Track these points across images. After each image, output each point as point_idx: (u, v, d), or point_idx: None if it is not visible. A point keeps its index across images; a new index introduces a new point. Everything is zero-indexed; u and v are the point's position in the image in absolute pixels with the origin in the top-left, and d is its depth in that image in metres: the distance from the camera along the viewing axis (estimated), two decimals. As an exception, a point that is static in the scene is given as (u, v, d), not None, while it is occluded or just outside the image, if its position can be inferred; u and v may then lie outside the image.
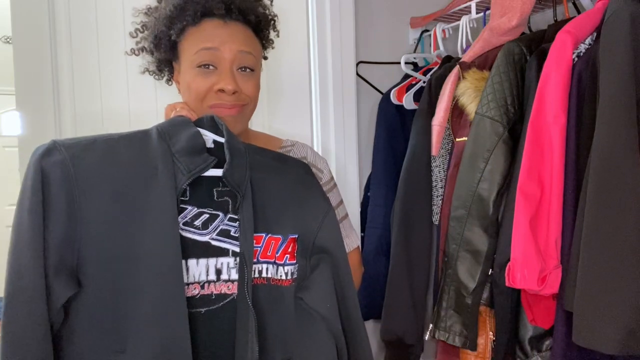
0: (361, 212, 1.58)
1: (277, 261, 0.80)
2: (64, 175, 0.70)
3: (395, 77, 1.66)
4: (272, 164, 0.84)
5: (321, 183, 1.01)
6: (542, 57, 1.06)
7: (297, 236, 0.82)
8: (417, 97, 1.51)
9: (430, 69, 1.58)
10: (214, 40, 0.85)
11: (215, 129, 0.82)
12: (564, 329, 0.98)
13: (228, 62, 0.85)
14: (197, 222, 0.77)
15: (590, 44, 1.04)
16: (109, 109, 1.38)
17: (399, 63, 1.59)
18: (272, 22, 0.97)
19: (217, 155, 0.79)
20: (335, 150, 1.51)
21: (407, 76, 1.61)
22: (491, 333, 1.17)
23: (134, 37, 0.96)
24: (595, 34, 1.04)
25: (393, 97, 1.57)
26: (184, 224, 0.76)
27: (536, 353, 1.09)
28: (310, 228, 0.83)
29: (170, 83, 0.99)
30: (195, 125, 0.80)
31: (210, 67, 0.85)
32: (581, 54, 1.03)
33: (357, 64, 1.58)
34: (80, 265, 0.69)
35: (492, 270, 1.12)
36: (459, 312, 1.15)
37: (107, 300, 0.70)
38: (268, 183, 0.81)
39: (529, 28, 1.29)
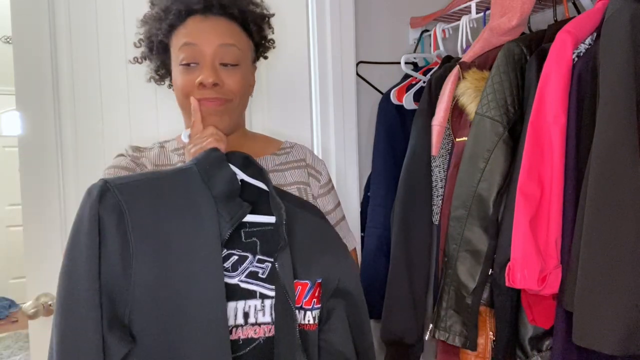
0: (361, 212, 1.58)
1: (304, 306, 0.79)
2: (120, 220, 0.66)
3: (395, 77, 1.66)
4: (295, 210, 0.84)
5: (319, 185, 1.01)
6: (542, 57, 1.06)
7: (321, 280, 0.82)
8: (417, 97, 1.51)
9: (430, 69, 1.58)
10: (193, 35, 0.86)
11: (244, 166, 0.81)
12: (564, 329, 0.98)
13: (208, 57, 0.85)
14: (227, 264, 0.75)
15: (590, 44, 1.04)
16: (108, 109, 1.38)
17: (399, 63, 1.59)
18: (265, 18, 0.96)
19: (244, 195, 0.79)
20: (335, 151, 1.51)
21: (407, 76, 1.61)
22: (491, 333, 1.17)
23: (138, 47, 0.98)
24: (595, 34, 1.04)
25: (393, 97, 1.57)
26: None
27: (536, 353, 1.09)
28: (332, 272, 0.83)
29: (172, 88, 1.00)
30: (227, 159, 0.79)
31: (193, 64, 0.86)
32: (581, 54, 1.02)
33: (357, 64, 1.58)
34: (132, 318, 0.65)
35: (492, 270, 1.12)
36: (459, 312, 1.15)
37: (157, 356, 0.66)
38: (293, 229, 0.81)
39: (529, 28, 1.29)
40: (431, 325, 1.21)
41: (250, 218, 0.78)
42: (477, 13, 1.43)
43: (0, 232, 4.28)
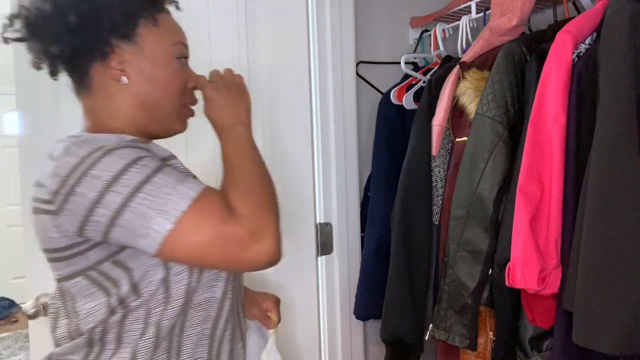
0: (361, 212, 1.58)
1: None
2: None
3: (395, 77, 1.66)
4: None
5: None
6: (542, 57, 1.06)
7: None
8: (417, 97, 1.51)
9: (430, 69, 1.58)
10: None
11: None
12: (564, 329, 0.98)
13: None
14: None
15: (590, 44, 1.04)
16: (109, 109, 1.37)
17: (399, 63, 1.59)
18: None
19: None
20: (336, 151, 1.51)
21: (407, 76, 1.61)
22: (491, 333, 1.17)
23: None
24: (595, 34, 1.04)
25: (393, 97, 1.57)
26: None
27: (536, 353, 1.09)
28: None
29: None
30: None
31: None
32: (581, 54, 1.02)
33: (357, 64, 1.58)
34: None
35: (492, 270, 1.12)
36: (459, 312, 1.15)
37: None
38: None
39: (529, 28, 1.29)
40: (431, 325, 1.21)
41: None
42: (477, 13, 1.43)
43: (0, 232, 4.28)
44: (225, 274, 0.81)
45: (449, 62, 1.44)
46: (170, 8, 0.84)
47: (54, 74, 0.83)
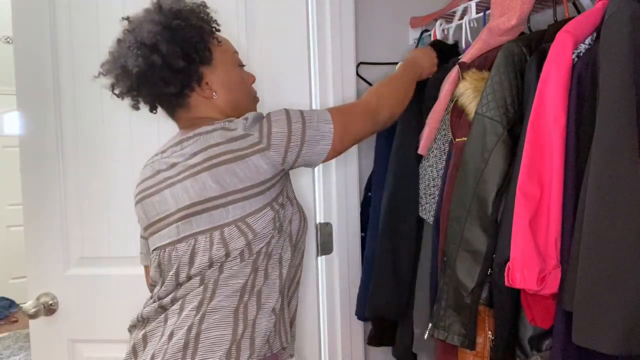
0: (361, 212, 1.59)
1: None
2: None
3: (395, 77, 1.66)
4: None
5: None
6: (542, 57, 1.06)
7: None
8: (417, 98, 1.51)
9: (430, 69, 1.58)
10: None
11: None
12: (564, 329, 0.98)
13: None
14: None
15: (590, 44, 1.04)
16: (109, 109, 1.38)
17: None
18: None
19: None
20: (335, 150, 1.51)
21: (407, 76, 1.61)
22: (490, 332, 1.17)
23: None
24: (595, 34, 1.04)
25: (393, 97, 1.57)
26: None
27: (536, 353, 1.09)
28: None
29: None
30: None
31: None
32: (581, 54, 1.03)
33: (358, 65, 1.58)
34: None
35: (491, 270, 1.12)
36: (458, 311, 1.15)
37: None
38: None
39: (529, 28, 1.29)
40: (430, 325, 1.21)
41: None
42: (477, 13, 1.43)
43: (0, 232, 4.29)
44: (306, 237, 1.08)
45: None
46: None
47: (153, 108, 1.07)
